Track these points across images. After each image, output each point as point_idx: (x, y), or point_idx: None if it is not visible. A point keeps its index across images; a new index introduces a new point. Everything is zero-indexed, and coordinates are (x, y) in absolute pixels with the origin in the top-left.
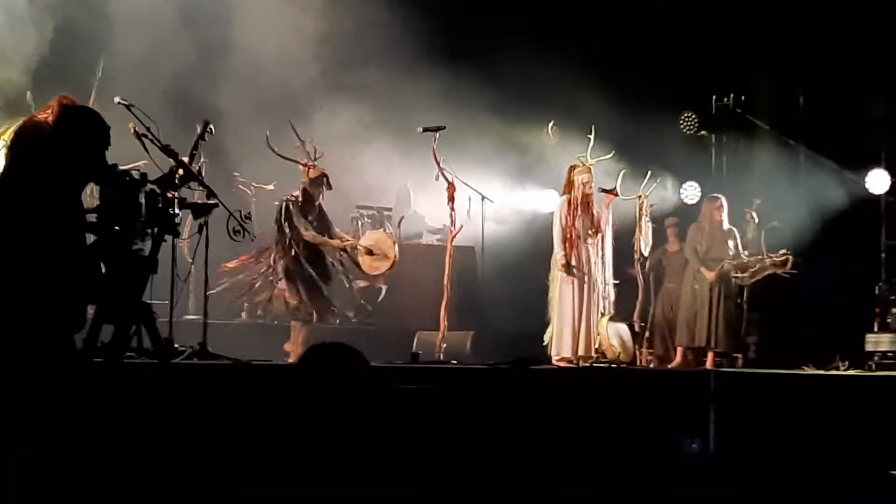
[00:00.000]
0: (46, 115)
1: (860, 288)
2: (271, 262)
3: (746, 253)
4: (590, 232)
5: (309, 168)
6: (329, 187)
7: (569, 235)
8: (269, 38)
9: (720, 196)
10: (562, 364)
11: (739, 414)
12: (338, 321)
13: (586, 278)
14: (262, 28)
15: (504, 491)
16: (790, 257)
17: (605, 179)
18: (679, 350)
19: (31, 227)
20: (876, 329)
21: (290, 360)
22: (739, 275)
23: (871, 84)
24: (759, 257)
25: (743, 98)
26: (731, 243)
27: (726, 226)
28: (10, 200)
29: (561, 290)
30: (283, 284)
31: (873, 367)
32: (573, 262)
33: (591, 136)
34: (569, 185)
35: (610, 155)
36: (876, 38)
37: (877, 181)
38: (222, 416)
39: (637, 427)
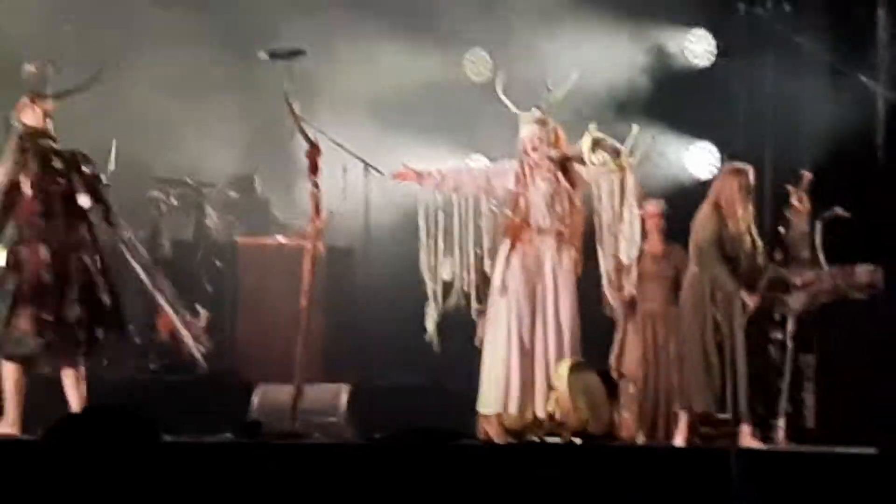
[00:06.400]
0: None
1: None
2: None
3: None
4: (542, 224)
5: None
6: None
7: (515, 222)
8: None
9: (746, 167)
10: (491, 428)
11: None
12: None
13: (536, 296)
14: None
15: None
16: (878, 276)
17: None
18: (683, 415)
19: None
20: None
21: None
22: (785, 297)
23: None
24: (830, 273)
25: (786, 7)
26: (759, 242)
27: (750, 215)
28: None
29: (494, 315)
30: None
31: None
32: (517, 264)
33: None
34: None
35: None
36: None
37: None
38: None
39: None
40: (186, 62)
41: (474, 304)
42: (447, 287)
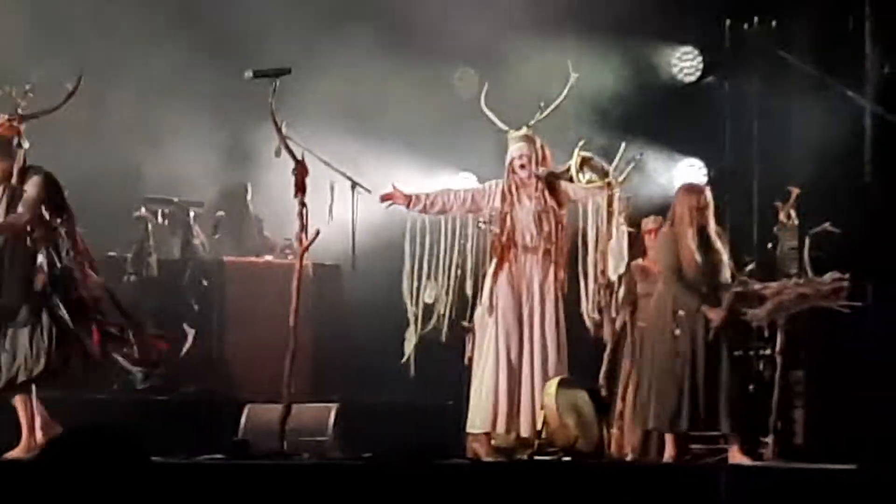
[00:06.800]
0: None
1: None
2: None
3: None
4: (529, 242)
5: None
6: None
7: (501, 241)
8: None
9: (701, 185)
10: (480, 447)
11: None
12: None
13: (524, 314)
14: None
15: None
16: (845, 284)
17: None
18: (670, 437)
19: None
20: None
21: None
22: (751, 310)
23: None
24: (796, 282)
25: (774, 24)
26: (724, 257)
27: (714, 228)
28: None
29: (482, 334)
30: None
31: None
32: (504, 283)
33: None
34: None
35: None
36: None
37: None
38: None
39: None
40: (172, 78)
41: (446, 326)
42: (428, 309)
